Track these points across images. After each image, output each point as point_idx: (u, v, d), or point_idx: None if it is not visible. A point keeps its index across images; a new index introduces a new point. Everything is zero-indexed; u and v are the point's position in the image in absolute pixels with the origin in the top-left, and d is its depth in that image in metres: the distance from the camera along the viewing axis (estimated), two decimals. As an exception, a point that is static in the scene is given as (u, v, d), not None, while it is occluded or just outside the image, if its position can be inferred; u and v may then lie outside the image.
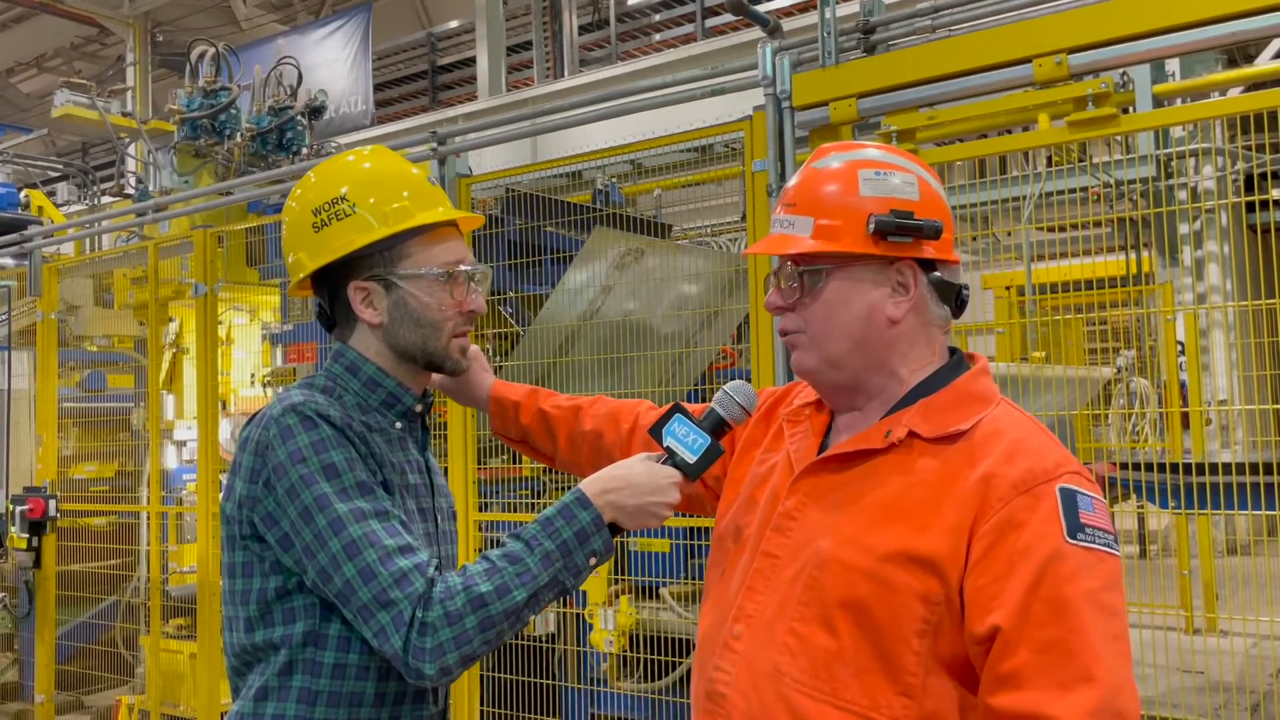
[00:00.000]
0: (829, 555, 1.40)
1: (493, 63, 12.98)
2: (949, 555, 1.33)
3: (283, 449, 1.53)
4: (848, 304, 1.45)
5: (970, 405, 1.43)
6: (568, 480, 4.53)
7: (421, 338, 1.66)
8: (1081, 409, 5.83)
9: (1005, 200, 5.98)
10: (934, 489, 1.37)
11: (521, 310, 5.27)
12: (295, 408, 1.56)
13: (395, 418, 1.69)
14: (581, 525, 1.53)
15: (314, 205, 1.66)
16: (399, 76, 16.47)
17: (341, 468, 1.53)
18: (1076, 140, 2.65)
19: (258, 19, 17.01)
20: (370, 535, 1.49)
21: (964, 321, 6.99)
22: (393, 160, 1.73)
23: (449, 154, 3.96)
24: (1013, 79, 2.72)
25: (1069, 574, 1.27)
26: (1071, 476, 1.34)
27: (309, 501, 1.51)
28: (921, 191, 1.46)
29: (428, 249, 1.66)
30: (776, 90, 3.05)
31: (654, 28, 14.12)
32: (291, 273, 1.71)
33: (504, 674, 4.09)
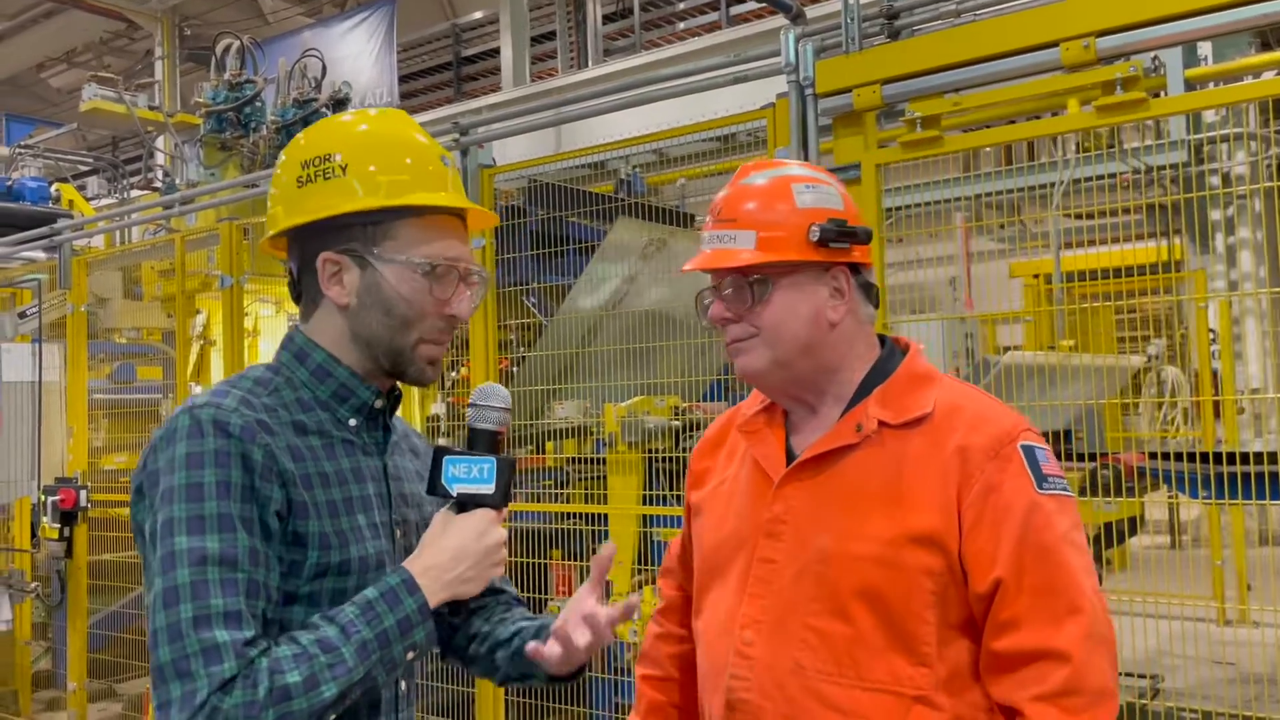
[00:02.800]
0: (833, 550, 1.47)
1: (517, 53, 12.98)
2: (945, 527, 1.44)
3: (164, 453, 1.34)
4: (795, 309, 1.53)
5: (922, 386, 1.55)
6: (593, 470, 4.53)
7: (388, 331, 1.45)
8: (1110, 398, 5.77)
9: (1034, 187, 5.92)
10: (915, 470, 1.47)
11: (545, 301, 5.27)
12: (192, 409, 1.36)
13: (349, 414, 1.48)
14: (406, 613, 1.36)
15: (304, 158, 1.47)
16: (424, 68, 16.49)
17: (208, 491, 1.30)
18: (1105, 125, 2.61)
19: (283, 12, 17.08)
20: (197, 586, 1.26)
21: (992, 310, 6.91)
22: (406, 127, 1.53)
23: (471, 144, 3.95)
24: (1039, 63, 2.68)
25: (1045, 521, 1.43)
26: (1026, 434, 1.49)
27: (159, 524, 1.30)
28: (845, 202, 1.59)
29: (419, 235, 1.45)
30: (799, 77, 3.02)
31: (678, 16, 14.06)
32: (268, 225, 1.52)
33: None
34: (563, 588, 4.37)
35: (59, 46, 18.48)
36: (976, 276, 7.97)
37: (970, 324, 6.36)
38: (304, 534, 1.37)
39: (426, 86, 16.55)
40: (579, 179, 6.39)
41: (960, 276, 7.85)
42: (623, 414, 4.32)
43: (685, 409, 4.33)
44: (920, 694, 1.43)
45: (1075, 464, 4.25)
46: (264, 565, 1.32)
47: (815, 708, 1.46)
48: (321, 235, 1.44)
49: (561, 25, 13.47)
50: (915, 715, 1.43)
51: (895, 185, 3.93)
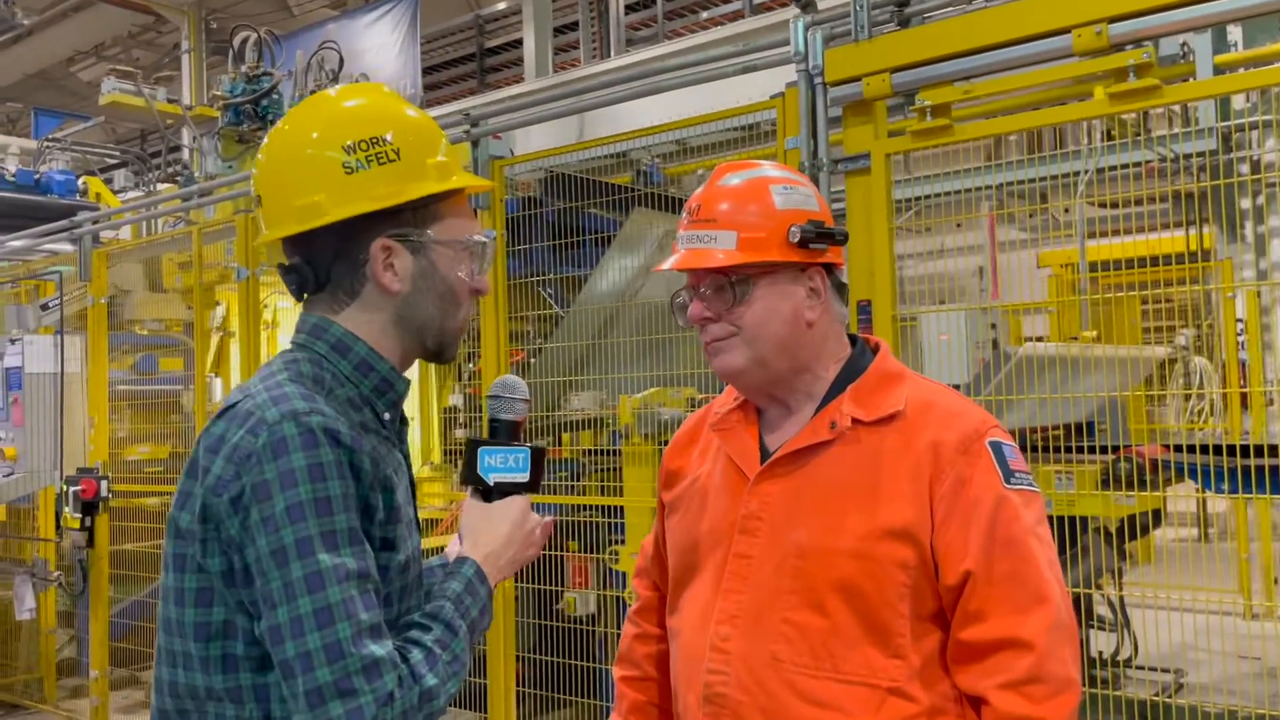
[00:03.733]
0: (809, 545, 1.50)
1: (539, 45, 12.95)
2: (918, 520, 1.47)
3: (272, 466, 1.26)
4: (776, 309, 1.56)
5: (892, 384, 1.58)
6: (607, 463, 4.52)
7: (441, 313, 1.46)
8: (1134, 389, 5.70)
9: (1060, 176, 5.85)
10: (888, 465, 1.51)
11: (561, 292, 5.26)
12: (297, 415, 1.29)
13: (385, 407, 1.45)
14: (483, 602, 1.44)
15: (345, 140, 1.39)
16: (447, 60, 16.51)
17: (337, 505, 1.27)
18: (1117, 112, 2.56)
19: (308, 5, 17.12)
20: (349, 604, 1.25)
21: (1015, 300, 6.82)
22: (411, 104, 1.52)
23: (482, 135, 3.94)
24: (1051, 50, 2.64)
25: (1012, 515, 1.47)
26: (994, 430, 1.53)
27: (289, 542, 1.25)
28: (819, 203, 1.62)
29: (459, 214, 1.47)
30: (809, 66, 2.99)
31: (700, 5, 14.00)
32: (299, 218, 1.40)
33: (540, 655, 4.10)
34: (578, 579, 4.37)
35: (88, 40, 18.60)
36: (1003, 266, 7.90)
37: (994, 314, 6.30)
38: (394, 539, 1.37)
39: (450, 78, 16.57)
40: (601, 170, 6.39)
41: (986, 266, 7.78)
42: (637, 405, 4.31)
43: (701, 400, 4.31)
44: (894, 685, 1.46)
45: (1094, 456, 4.20)
46: (379, 575, 1.32)
47: (792, 700, 1.48)
48: (371, 222, 1.40)
49: (584, 16, 13.44)
50: (890, 706, 1.46)
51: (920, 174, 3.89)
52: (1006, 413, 3.72)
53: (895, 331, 2.87)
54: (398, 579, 1.39)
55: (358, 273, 1.42)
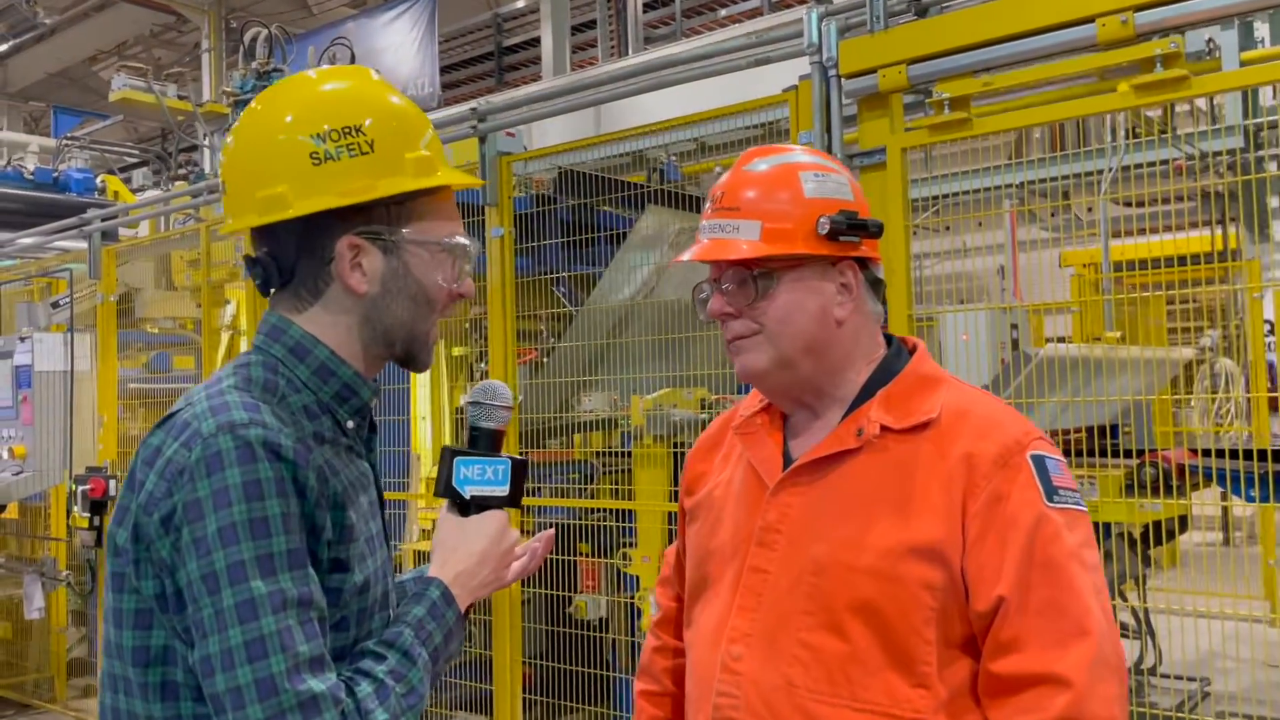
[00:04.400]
0: (828, 561, 1.40)
1: (557, 43, 12.89)
2: (948, 538, 1.35)
3: (205, 483, 1.17)
4: (802, 305, 1.46)
5: (927, 390, 1.47)
6: (620, 464, 4.44)
7: (413, 317, 1.36)
8: (1159, 392, 5.58)
9: (1084, 174, 5.74)
10: (917, 477, 1.39)
11: (574, 290, 5.19)
12: (234, 427, 1.20)
13: (348, 416, 1.35)
14: (449, 626, 1.33)
15: (315, 129, 1.29)
16: (465, 59, 16.47)
17: (275, 526, 1.17)
18: (1144, 105, 2.46)
19: (327, 3, 17.14)
20: (285, 635, 1.15)
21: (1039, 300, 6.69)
22: (395, 92, 1.40)
23: (490, 131, 3.87)
24: (1075, 40, 2.54)
25: (1052, 535, 1.33)
26: (1038, 443, 1.40)
27: (220, 566, 1.15)
28: (854, 192, 1.51)
29: (438, 213, 1.37)
30: (823, 58, 2.90)
31: (719, 3, 13.90)
32: (260, 210, 1.30)
33: (549, 661, 4.03)
34: (589, 582, 4.30)
35: (110, 39, 18.69)
36: (1025, 266, 7.79)
37: (1016, 314, 6.19)
38: (346, 559, 1.27)
39: (469, 77, 16.53)
40: (618, 169, 6.32)
41: (1008, 265, 7.67)
42: (649, 406, 4.24)
43: (714, 401, 4.23)
44: (918, 717, 1.34)
45: (1119, 460, 4.09)
46: (322, 599, 1.22)
47: None
48: (339, 218, 1.30)
49: (602, 14, 13.36)
50: None
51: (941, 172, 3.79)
52: (1027, 416, 3.62)
53: (911, 332, 2.78)
54: (354, 601, 1.29)
55: (323, 271, 1.33)
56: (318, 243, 1.32)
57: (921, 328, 3.19)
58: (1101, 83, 2.94)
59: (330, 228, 1.31)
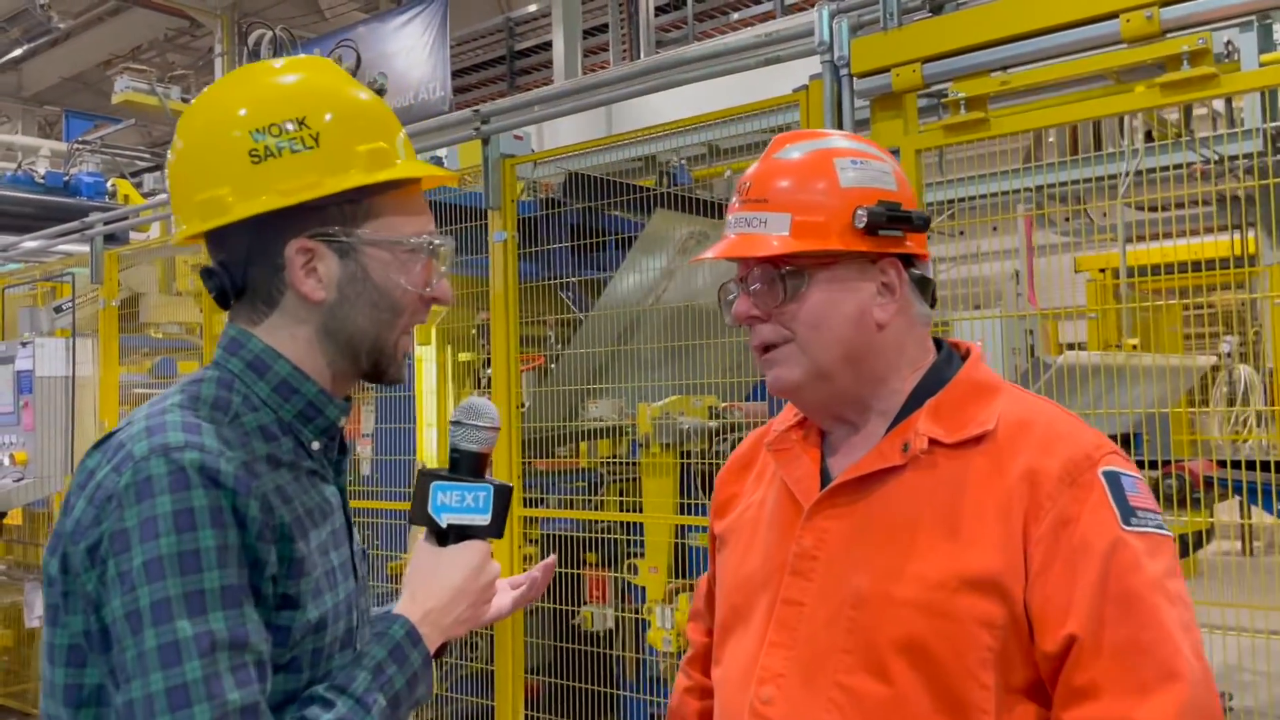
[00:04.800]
0: (869, 593, 1.25)
1: (568, 47, 12.84)
2: (1008, 569, 1.20)
3: (133, 511, 1.07)
4: (837, 307, 1.31)
5: (982, 399, 1.32)
6: (627, 473, 4.36)
7: (376, 325, 1.25)
8: (1178, 401, 5.47)
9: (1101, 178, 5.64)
10: (972, 498, 1.24)
11: (582, 296, 5.12)
12: (168, 451, 1.09)
13: (313, 436, 1.26)
14: (414, 670, 1.22)
15: (255, 124, 1.20)
16: (477, 63, 16.44)
17: (207, 560, 1.07)
18: (1169, 104, 2.36)
19: (340, 7, 17.13)
20: (211, 682, 1.04)
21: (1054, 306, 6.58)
22: (350, 81, 1.29)
23: (492, 133, 3.79)
24: (1097, 37, 2.45)
25: (1131, 564, 1.18)
26: (1111, 457, 1.25)
27: (144, 604, 1.05)
28: (898, 181, 1.37)
29: (401, 210, 1.26)
30: (834, 57, 2.81)
31: (732, 6, 13.81)
32: (201, 215, 1.21)
33: (553, 677, 3.95)
34: (596, 593, 4.22)
35: (123, 44, 18.71)
36: (1040, 271, 7.68)
37: (1031, 321, 6.09)
38: (295, 595, 1.16)
39: (481, 81, 16.49)
40: (629, 172, 6.24)
41: (1023, 270, 7.57)
42: (656, 414, 4.15)
43: (723, 409, 4.15)
44: None
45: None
46: (264, 639, 1.11)
47: None
48: (286, 220, 1.20)
49: (614, 18, 13.29)
50: None
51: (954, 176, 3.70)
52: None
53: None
54: (308, 641, 1.18)
55: (276, 278, 1.23)
56: (268, 248, 1.22)
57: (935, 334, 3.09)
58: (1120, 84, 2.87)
59: (280, 231, 1.21)
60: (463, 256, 4.32)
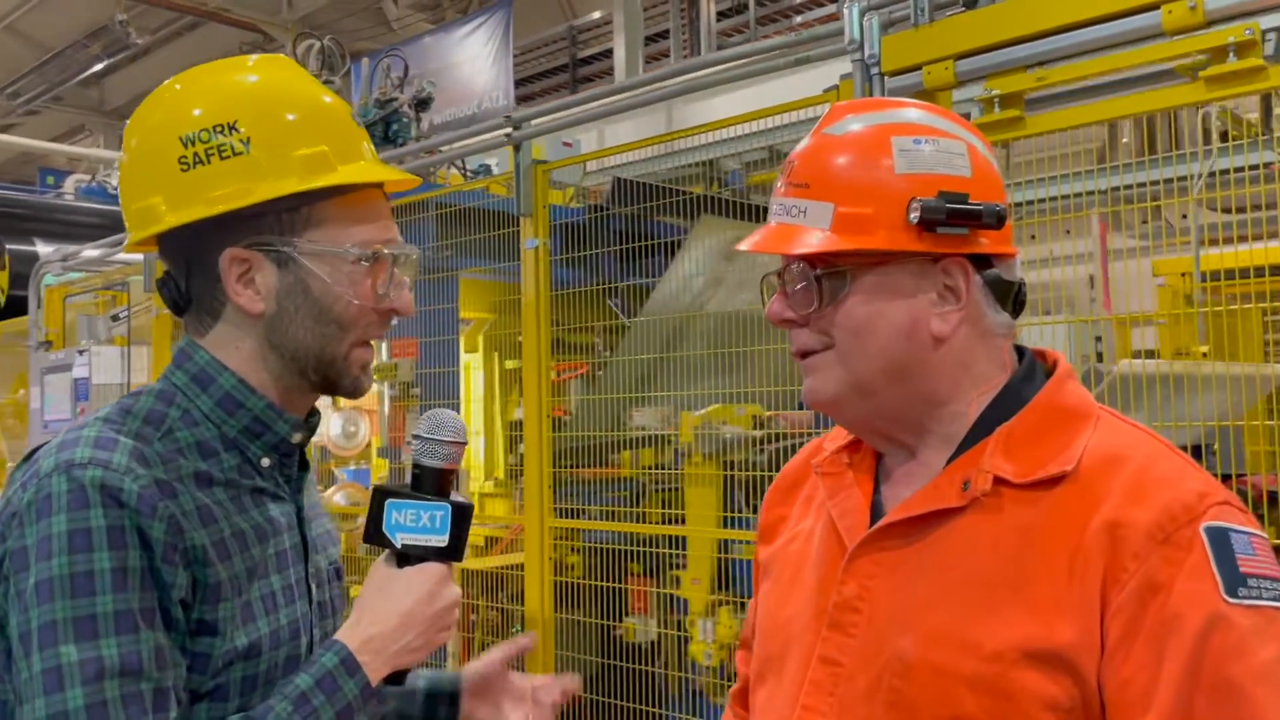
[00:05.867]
0: (915, 659, 1.06)
1: (630, 53, 12.83)
2: (1080, 642, 1.00)
3: (33, 529, 1.04)
4: (884, 316, 1.10)
5: (1066, 428, 1.09)
6: (671, 482, 4.29)
7: (319, 339, 1.20)
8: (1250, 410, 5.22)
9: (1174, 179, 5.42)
10: (1042, 552, 1.03)
11: (629, 302, 5.06)
12: (70, 467, 1.06)
13: (261, 452, 1.22)
14: (347, 701, 1.12)
15: (182, 130, 1.16)
16: (540, 71, 16.53)
17: (102, 582, 1.03)
18: (1214, 99, 2.23)
19: (407, 19, 17.36)
20: (94, 710, 1.00)
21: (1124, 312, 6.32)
22: (301, 79, 1.25)
23: (524, 139, 3.75)
24: (1137, 30, 2.32)
25: (1234, 647, 0.96)
26: (1219, 509, 1.01)
27: (33, 627, 1.02)
28: (974, 165, 1.11)
29: (349, 217, 1.20)
30: (864, 55, 2.71)
31: (795, 9, 13.67)
32: (136, 224, 1.20)
33: (594, 694, 3.89)
34: (639, 604, 4.15)
35: (199, 58, 18.92)
36: (1117, 275, 7.42)
37: (1101, 326, 5.87)
38: (214, 620, 1.12)
39: (543, 90, 16.57)
40: (685, 179, 6.17)
41: (1097, 275, 7.33)
42: (698, 423, 4.08)
43: (768, 418, 4.05)
44: None
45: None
46: (171, 665, 1.06)
47: None
48: (221, 229, 1.17)
49: (675, 23, 13.25)
50: None
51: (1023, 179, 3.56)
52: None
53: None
54: (237, 668, 1.13)
55: (215, 289, 1.19)
56: (205, 258, 1.18)
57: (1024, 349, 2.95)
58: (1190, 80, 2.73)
59: (215, 240, 1.17)
60: (509, 263, 4.29)
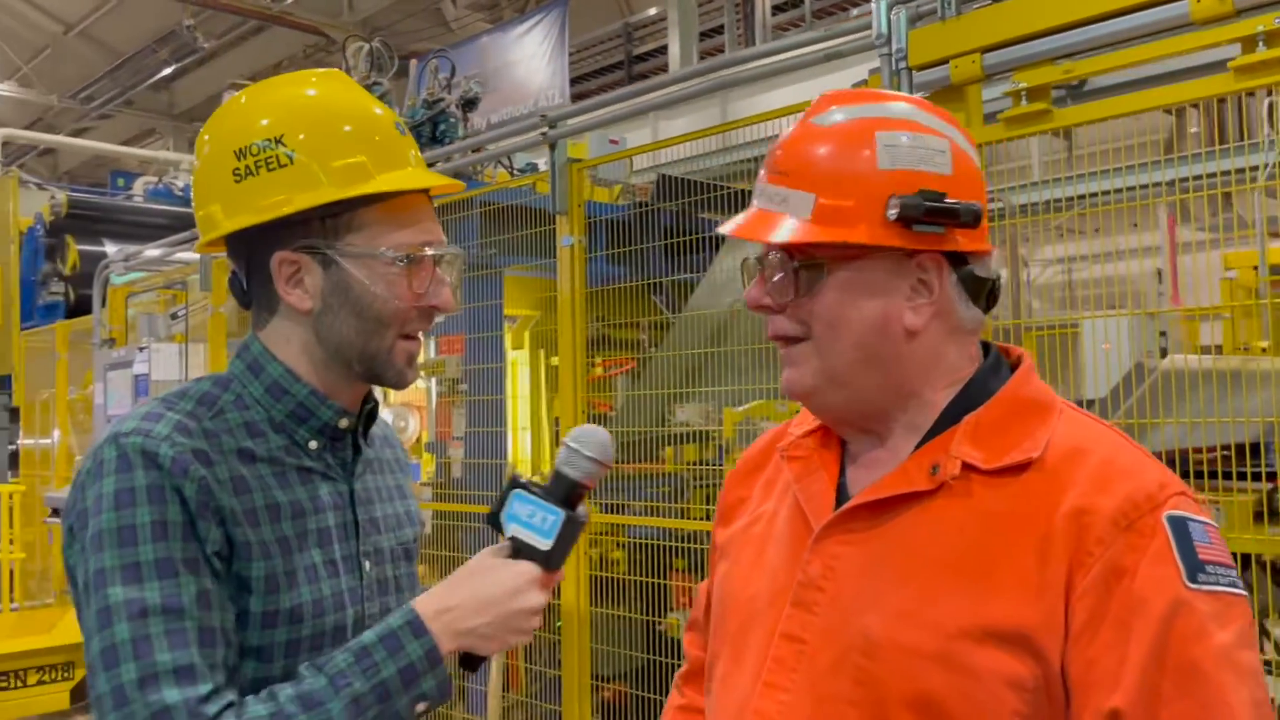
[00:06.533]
0: (880, 638, 1.08)
1: (684, 49, 12.83)
2: (1044, 623, 1.02)
3: (90, 491, 1.19)
4: (858, 308, 1.13)
5: (1031, 418, 1.13)
6: (713, 479, 4.30)
7: (362, 334, 1.29)
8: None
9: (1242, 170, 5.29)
10: (1008, 536, 1.06)
11: (674, 298, 5.08)
12: (118, 437, 1.20)
13: (309, 435, 1.32)
14: (410, 660, 1.18)
15: (237, 144, 1.28)
16: (597, 68, 16.58)
17: (142, 534, 1.15)
18: (1245, 89, 2.19)
19: (466, 19, 17.53)
20: (139, 644, 1.11)
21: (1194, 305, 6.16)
22: (349, 92, 1.35)
23: (560, 138, 3.78)
24: (1165, 20, 2.28)
25: (1196, 630, 0.99)
26: (1178, 499, 1.05)
27: (91, 574, 1.16)
28: (956, 162, 1.13)
29: (388, 221, 1.30)
30: (892, 50, 2.70)
31: (851, 2, 13.57)
32: (201, 230, 1.33)
33: (636, 689, 3.92)
34: (683, 600, 4.17)
35: (265, 62, 19.57)
36: (1186, 269, 7.25)
37: (1167, 321, 5.75)
38: (247, 578, 1.21)
39: (599, 87, 16.63)
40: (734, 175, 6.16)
41: (1165, 268, 7.18)
42: (739, 419, 4.08)
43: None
44: None
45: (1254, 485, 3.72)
46: (218, 608, 1.17)
47: None
48: (272, 234, 1.28)
49: (729, 18, 13.21)
50: None
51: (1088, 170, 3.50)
52: (1150, 435, 3.31)
53: (1028, 346, 2.55)
54: (281, 631, 1.22)
55: (269, 288, 1.31)
56: (260, 260, 1.31)
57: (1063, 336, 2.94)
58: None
59: (267, 244, 1.29)
60: (553, 260, 4.34)
